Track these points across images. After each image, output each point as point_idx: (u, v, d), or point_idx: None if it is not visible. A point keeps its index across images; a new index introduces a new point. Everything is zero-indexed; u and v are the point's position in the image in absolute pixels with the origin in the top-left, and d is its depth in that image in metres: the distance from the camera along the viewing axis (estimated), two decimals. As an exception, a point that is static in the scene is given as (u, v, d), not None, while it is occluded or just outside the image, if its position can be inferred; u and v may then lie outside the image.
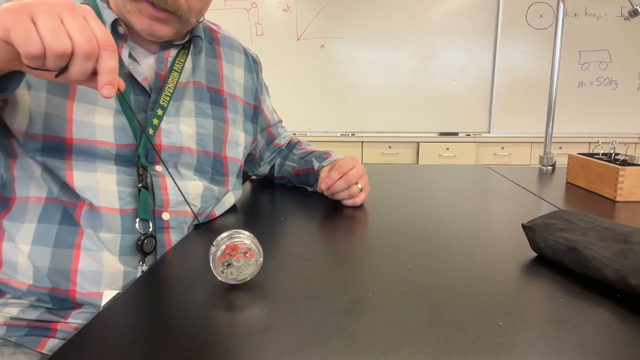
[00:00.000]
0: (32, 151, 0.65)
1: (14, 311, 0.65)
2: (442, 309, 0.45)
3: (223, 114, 0.82)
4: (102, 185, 0.66)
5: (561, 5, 1.15)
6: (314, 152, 1.02)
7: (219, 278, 0.51)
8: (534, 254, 0.60)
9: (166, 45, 0.76)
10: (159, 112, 0.72)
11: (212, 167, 0.79)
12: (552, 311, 0.45)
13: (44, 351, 0.63)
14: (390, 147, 3.21)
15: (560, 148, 3.04)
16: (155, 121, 0.71)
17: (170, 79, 0.74)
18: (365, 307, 0.45)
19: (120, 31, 0.71)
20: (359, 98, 3.26)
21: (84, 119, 0.65)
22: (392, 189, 1.03)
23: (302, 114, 3.19)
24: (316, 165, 0.97)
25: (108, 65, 0.47)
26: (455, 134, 3.30)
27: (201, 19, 0.76)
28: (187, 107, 0.76)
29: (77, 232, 0.65)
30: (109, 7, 0.71)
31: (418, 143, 3.20)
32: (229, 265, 0.51)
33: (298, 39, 3.19)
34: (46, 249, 0.65)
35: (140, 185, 0.68)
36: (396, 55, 3.21)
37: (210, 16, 0.81)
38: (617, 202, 0.88)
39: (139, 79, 0.71)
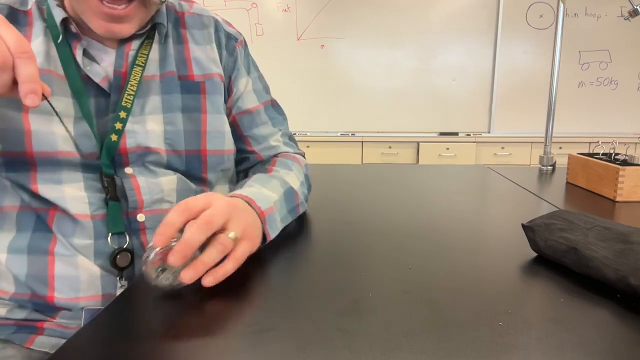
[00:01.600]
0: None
1: (1, 311, 0.65)
2: (442, 309, 0.45)
3: (199, 102, 0.73)
4: (70, 193, 0.63)
5: (561, 5, 1.15)
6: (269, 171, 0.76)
7: (153, 284, 0.47)
8: (534, 254, 0.60)
9: (126, 37, 0.68)
10: (122, 114, 0.66)
11: (185, 166, 0.72)
12: (552, 311, 0.45)
13: (32, 347, 0.63)
14: (390, 147, 3.21)
15: (561, 148, 3.04)
16: (119, 125, 0.65)
17: (132, 76, 0.67)
18: (365, 307, 0.45)
19: (72, 30, 0.65)
20: (359, 98, 3.26)
21: (43, 129, 0.62)
22: (392, 189, 1.03)
23: (302, 114, 3.19)
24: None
25: (25, 73, 0.45)
26: (456, 133, 3.30)
27: (164, 0, 0.69)
28: (153, 103, 0.69)
29: (50, 238, 0.64)
30: (61, 5, 0.66)
31: (418, 143, 3.20)
32: (163, 270, 0.47)
33: (298, 39, 3.19)
34: (22, 256, 0.64)
35: (108, 196, 0.65)
36: (396, 55, 3.21)
37: (211, 16, 0.80)
38: (617, 202, 0.88)
39: (97, 80, 0.66)
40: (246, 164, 0.84)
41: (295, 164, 0.81)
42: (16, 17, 0.65)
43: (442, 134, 3.30)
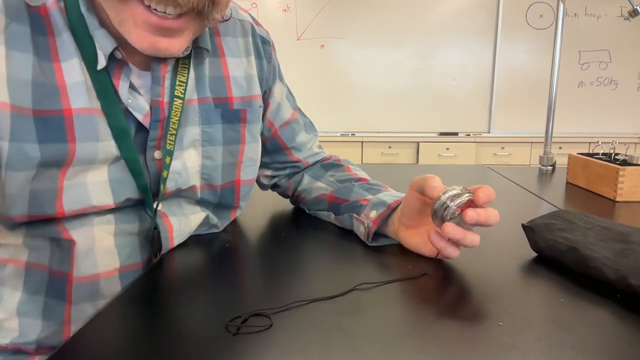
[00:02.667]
0: (10, 228, 0.54)
1: None
2: (442, 308, 0.45)
3: (239, 132, 0.66)
4: (99, 243, 0.56)
5: (561, 5, 1.15)
6: (361, 179, 0.74)
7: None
8: (534, 254, 0.60)
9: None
10: (167, 159, 0.58)
11: (219, 199, 0.67)
12: (552, 311, 0.45)
13: None
14: (390, 147, 3.22)
15: (560, 148, 3.04)
16: (165, 173, 0.58)
17: (173, 112, 0.58)
18: (366, 307, 0.45)
19: (118, 56, 0.54)
20: (358, 98, 3.26)
21: (76, 182, 0.53)
22: (392, 188, 1.03)
23: (302, 114, 3.18)
24: (364, 200, 0.66)
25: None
26: (455, 133, 3.30)
27: (227, 16, 0.59)
28: (192, 134, 0.62)
29: (66, 305, 0.57)
30: (92, 10, 0.52)
31: (418, 143, 3.21)
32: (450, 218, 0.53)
33: (298, 39, 3.19)
34: (33, 320, 0.57)
35: (140, 243, 0.59)
36: (396, 55, 3.21)
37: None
38: (617, 202, 0.88)
39: (140, 116, 0.57)
40: (294, 171, 0.81)
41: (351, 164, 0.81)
42: (35, 21, 0.51)
43: (442, 134, 3.30)
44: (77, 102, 0.52)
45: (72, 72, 0.52)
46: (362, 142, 3.21)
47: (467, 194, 0.53)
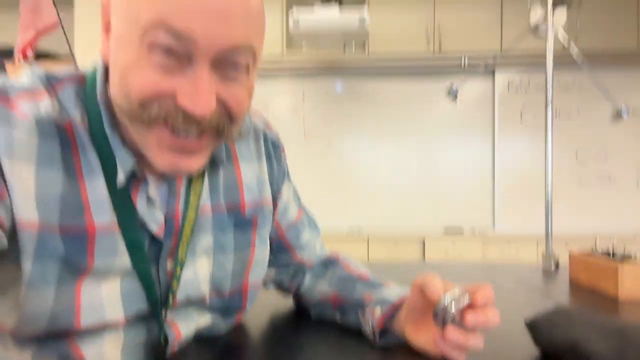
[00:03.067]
0: (19, 344, 0.53)
1: None
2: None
3: (250, 238, 0.68)
4: (107, 358, 0.56)
5: (549, 108, 1.24)
6: (362, 277, 0.74)
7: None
8: (537, 351, 0.60)
9: None
10: (178, 270, 0.59)
11: (226, 304, 0.67)
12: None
13: None
14: (396, 243, 3.22)
15: (567, 244, 3.02)
16: (175, 284, 0.59)
17: (186, 222, 0.59)
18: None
19: (137, 172, 0.57)
20: (364, 194, 3.34)
21: (92, 294, 0.53)
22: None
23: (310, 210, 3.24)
24: (368, 297, 0.68)
25: None
26: (461, 230, 3.31)
27: (244, 131, 0.61)
28: (204, 242, 0.62)
29: None
30: (124, 143, 0.55)
31: (424, 240, 3.21)
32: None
33: (305, 138, 3.35)
34: None
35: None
36: (400, 152, 3.34)
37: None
38: (619, 299, 0.88)
39: (155, 228, 0.58)
40: (297, 271, 0.80)
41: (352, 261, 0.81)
42: (62, 137, 0.54)
43: (447, 230, 3.32)
44: (99, 219, 0.54)
45: (96, 188, 0.54)
46: (367, 239, 3.22)
47: (466, 297, 0.54)
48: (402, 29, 3.21)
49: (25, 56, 2.74)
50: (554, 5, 1.28)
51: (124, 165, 0.55)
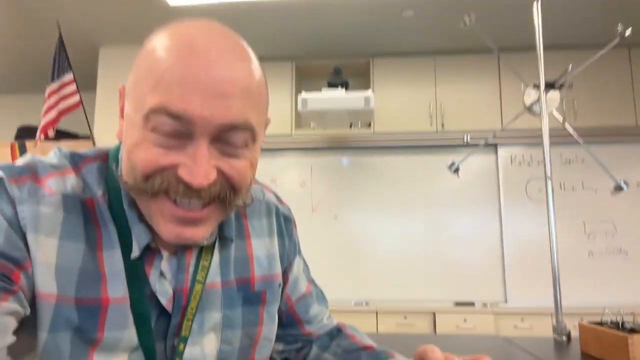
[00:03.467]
0: None
1: None
2: None
3: (258, 315, 0.68)
4: None
5: (549, 184, 1.28)
6: (367, 347, 0.73)
7: None
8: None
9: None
10: (181, 347, 0.59)
11: None
12: None
13: None
14: (405, 317, 3.14)
15: (582, 319, 2.93)
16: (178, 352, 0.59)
17: (192, 296, 0.60)
18: None
19: (152, 246, 0.59)
20: (372, 267, 3.31)
21: None
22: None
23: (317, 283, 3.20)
24: None
25: None
26: (472, 304, 3.24)
27: (249, 201, 0.60)
28: (212, 319, 0.63)
29: None
30: (140, 219, 0.58)
31: (434, 313, 3.13)
32: None
33: (313, 211, 3.40)
34: None
35: None
36: (407, 224, 3.35)
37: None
38: (634, 372, 0.87)
39: (164, 300, 0.59)
40: (304, 344, 0.79)
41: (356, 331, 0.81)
42: (85, 212, 0.57)
43: (457, 304, 3.24)
44: (114, 291, 0.56)
45: (113, 261, 0.56)
46: (376, 312, 3.15)
47: None
48: (405, 108, 3.36)
49: (46, 135, 2.89)
50: (546, 89, 1.37)
51: (139, 239, 0.57)
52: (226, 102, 0.51)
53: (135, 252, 0.57)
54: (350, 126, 3.37)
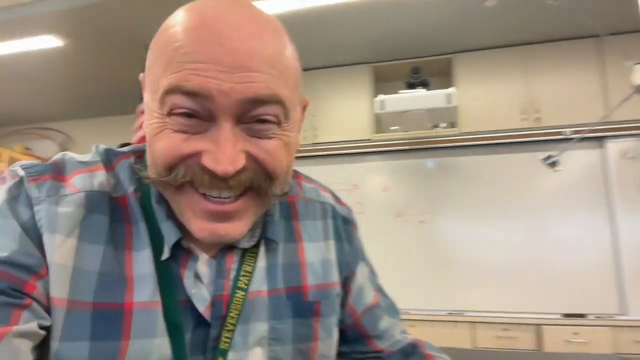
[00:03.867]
0: None
1: None
2: None
3: (311, 327, 0.60)
4: None
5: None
6: None
7: None
8: None
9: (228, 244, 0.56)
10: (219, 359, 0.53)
11: None
12: None
13: None
14: (506, 329, 2.89)
15: None
16: None
17: (233, 305, 0.54)
18: None
19: (185, 246, 0.54)
20: (464, 274, 3.11)
21: None
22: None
23: (404, 291, 3.06)
24: None
25: None
26: (582, 315, 2.90)
27: (288, 189, 0.54)
28: (258, 331, 0.56)
29: None
30: (169, 216, 0.53)
31: (539, 325, 2.85)
32: None
33: (397, 216, 3.28)
34: None
35: None
36: (503, 229, 3.11)
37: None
38: None
39: (201, 308, 0.53)
40: None
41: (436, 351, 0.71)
42: (115, 210, 0.54)
43: (566, 315, 2.92)
44: (140, 295, 0.51)
45: (143, 262, 0.52)
46: (472, 322, 2.94)
47: None
48: (493, 105, 3.16)
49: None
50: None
51: (167, 237, 0.53)
52: (247, 75, 0.45)
53: (166, 252, 0.52)
54: (433, 127, 3.22)
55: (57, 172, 0.53)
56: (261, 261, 0.58)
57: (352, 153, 3.37)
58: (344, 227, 0.69)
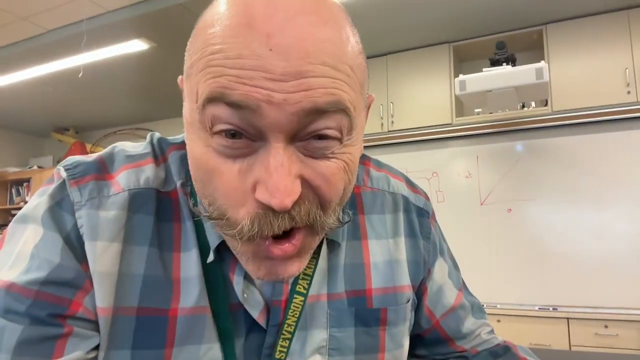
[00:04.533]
0: None
1: None
2: None
3: (377, 337, 0.55)
4: None
5: None
6: None
7: None
8: None
9: None
10: None
11: None
12: None
13: None
14: (606, 326, 2.64)
15: None
16: None
17: (290, 311, 0.50)
18: None
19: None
20: (558, 266, 2.87)
21: None
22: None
23: (490, 284, 2.91)
24: None
25: None
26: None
27: (348, 219, 0.49)
28: (317, 339, 0.52)
29: None
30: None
31: (645, 323, 2.57)
32: None
33: (481, 204, 3.09)
34: None
35: None
36: (603, 216, 2.82)
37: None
38: None
39: (255, 313, 0.49)
40: None
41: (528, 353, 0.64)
42: (163, 208, 0.50)
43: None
44: (186, 300, 0.48)
45: (190, 264, 0.48)
46: (567, 318, 2.71)
47: None
48: (591, 79, 2.86)
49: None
50: None
51: (211, 240, 0.48)
52: (304, 81, 0.37)
53: (211, 254, 0.48)
54: (522, 106, 2.98)
55: (103, 169, 0.49)
56: (322, 262, 0.54)
57: (432, 139, 3.22)
58: (418, 221, 0.62)
